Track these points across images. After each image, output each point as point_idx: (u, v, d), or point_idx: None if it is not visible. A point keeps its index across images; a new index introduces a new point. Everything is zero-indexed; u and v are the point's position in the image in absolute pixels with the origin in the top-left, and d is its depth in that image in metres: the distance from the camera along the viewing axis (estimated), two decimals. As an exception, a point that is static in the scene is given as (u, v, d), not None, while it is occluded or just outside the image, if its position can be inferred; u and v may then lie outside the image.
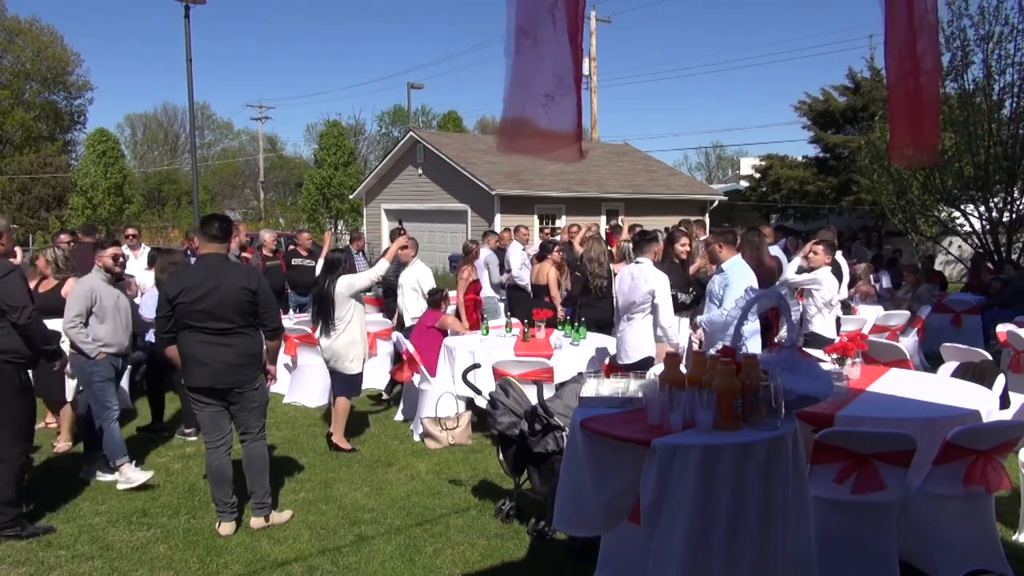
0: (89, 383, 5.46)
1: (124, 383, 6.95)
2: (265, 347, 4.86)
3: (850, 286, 9.26)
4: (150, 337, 6.71)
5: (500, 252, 10.98)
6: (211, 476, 4.78)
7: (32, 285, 5.91)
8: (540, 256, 9.40)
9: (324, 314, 6.29)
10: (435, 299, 7.58)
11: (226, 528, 4.73)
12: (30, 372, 4.89)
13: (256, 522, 4.78)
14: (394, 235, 9.20)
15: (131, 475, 5.45)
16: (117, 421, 5.50)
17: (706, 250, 6.19)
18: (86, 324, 5.36)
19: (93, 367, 5.38)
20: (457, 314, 8.53)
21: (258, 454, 4.81)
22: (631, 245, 6.92)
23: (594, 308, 7.59)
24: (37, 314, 4.70)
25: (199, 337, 4.60)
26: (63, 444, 6.41)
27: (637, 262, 6.13)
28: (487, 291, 10.16)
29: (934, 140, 4.20)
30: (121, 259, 5.77)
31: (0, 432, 4.61)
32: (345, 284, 6.24)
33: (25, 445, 4.83)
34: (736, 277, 5.70)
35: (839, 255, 8.09)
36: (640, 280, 5.99)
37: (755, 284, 5.74)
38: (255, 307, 4.68)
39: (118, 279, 5.81)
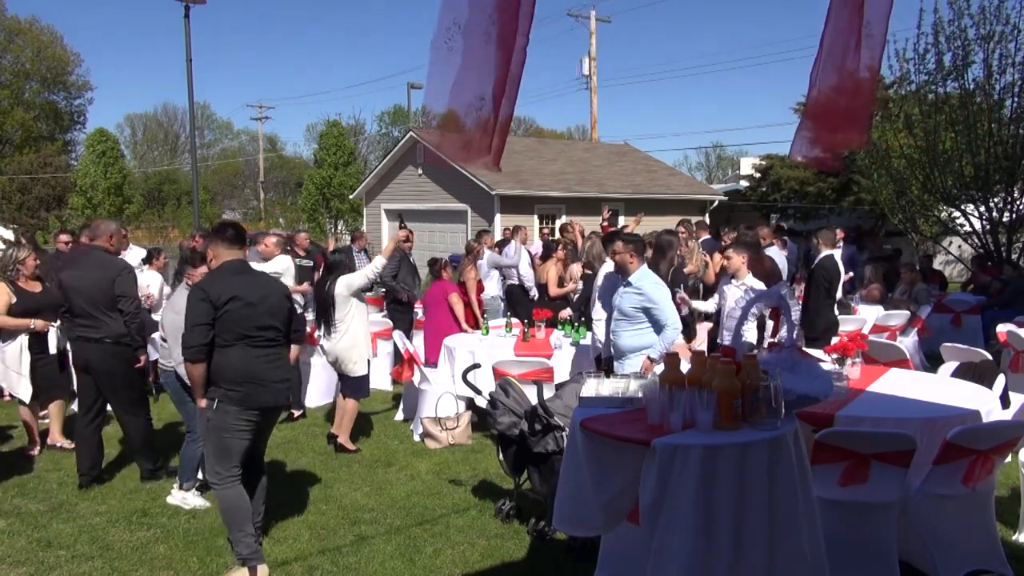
0: (183, 401, 5.20)
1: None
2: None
3: (850, 287, 9.23)
4: None
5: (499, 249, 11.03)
6: (240, 511, 4.18)
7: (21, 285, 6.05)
8: (544, 256, 9.51)
9: (325, 316, 6.27)
10: (436, 269, 8.08)
11: (263, 572, 4.19)
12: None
13: None
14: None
15: (189, 498, 5.25)
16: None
17: (615, 258, 5.55)
18: None
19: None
20: (472, 314, 8.22)
21: (263, 480, 4.54)
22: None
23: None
24: (139, 307, 5.53)
25: (255, 352, 4.16)
26: (65, 443, 6.37)
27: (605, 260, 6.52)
28: (487, 291, 10.15)
29: (846, 145, 4.25)
30: None
31: (127, 397, 5.55)
32: (344, 284, 6.22)
33: (145, 410, 5.68)
34: (656, 294, 5.34)
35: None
36: (597, 279, 6.38)
37: (668, 293, 5.54)
38: (291, 315, 4.45)
39: None
